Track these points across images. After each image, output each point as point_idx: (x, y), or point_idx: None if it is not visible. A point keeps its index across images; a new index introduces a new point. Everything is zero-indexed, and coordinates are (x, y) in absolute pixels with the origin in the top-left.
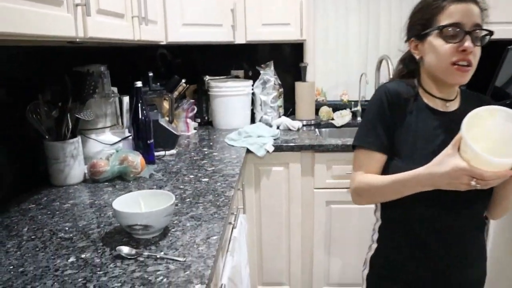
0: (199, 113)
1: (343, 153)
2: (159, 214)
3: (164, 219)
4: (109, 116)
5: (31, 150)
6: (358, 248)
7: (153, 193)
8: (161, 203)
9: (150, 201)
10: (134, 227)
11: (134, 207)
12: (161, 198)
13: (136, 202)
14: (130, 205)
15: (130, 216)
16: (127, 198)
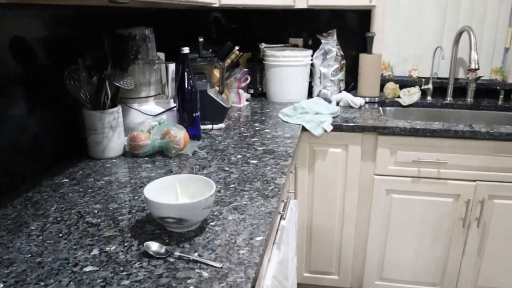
0: (252, 83)
1: (411, 138)
2: (196, 207)
3: (201, 212)
4: (153, 85)
5: (72, 118)
6: (418, 243)
7: (192, 179)
8: (200, 192)
9: (188, 187)
10: (167, 219)
11: (169, 194)
12: (200, 185)
13: (172, 187)
14: (164, 191)
15: (162, 207)
16: (161, 183)
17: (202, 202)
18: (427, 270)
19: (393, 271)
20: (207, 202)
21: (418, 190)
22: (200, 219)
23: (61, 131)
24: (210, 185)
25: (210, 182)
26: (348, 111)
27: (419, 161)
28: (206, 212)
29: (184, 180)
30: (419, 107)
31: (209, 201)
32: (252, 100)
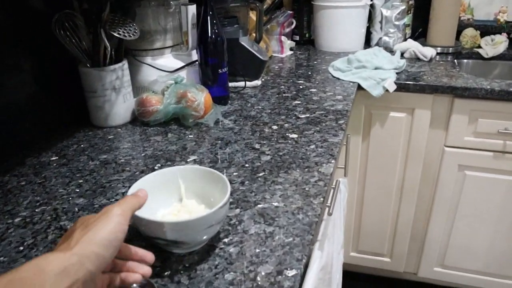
0: (298, 28)
1: (499, 103)
2: (195, 227)
3: (206, 231)
4: (171, 33)
5: (71, 77)
6: (494, 230)
7: (201, 174)
8: (211, 191)
9: (195, 182)
10: (157, 240)
11: (167, 193)
12: (211, 181)
13: (174, 186)
14: (163, 188)
15: (148, 224)
16: (160, 179)
17: (208, 218)
18: (499, 260)
19: (457, 258)
20: (215, 216)
21: (501, 168)
22: (205, 238)
23: (60, 93)
24: (223, 187)
25: (223, 180)
26: (415, 64)
27: (507, 132)
28: (215, 229)
29: (189, 174)
30: (505, 60)
31: (219, 215)
32: (297, 49)
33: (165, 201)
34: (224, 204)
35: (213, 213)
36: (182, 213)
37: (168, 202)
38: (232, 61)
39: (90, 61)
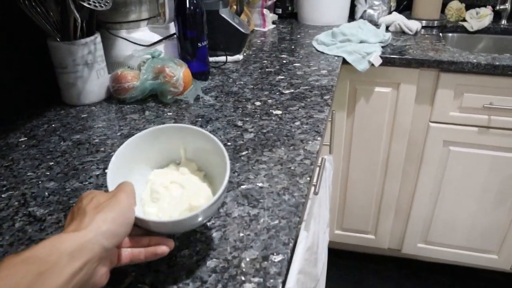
0: (281, 1)
1: (485, 77)
2: (179, 226)
3: (199, 223)
4: (146, 4)
5: (40, 52)
6: (477, 205)
7: (197, 136)
8: (208, 159)
9: (191, 143)
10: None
11: (163, 156)
12: (210, 156)
13: (171, 146)
14: (156, 150)
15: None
16: (157, 135)
17: (195, 218)
18: (483, 236)
19: (441, 234)
20: (210, 210)
21: (486, 143)
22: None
23: (28, 69)
24: (222, 163)
25: (222, 153)
26: (400, 38)
27: (492, 107)
28: (208, 217)
29: (189, 136)
30: (490, 33)
31: (213, 209)
32: (280, 23)
33: (160, 159)
34: (220, 196)
35: (209, 207)
36: (174, 187)
37: (162, 161)
38: (212, 34)
39: (60, 35)
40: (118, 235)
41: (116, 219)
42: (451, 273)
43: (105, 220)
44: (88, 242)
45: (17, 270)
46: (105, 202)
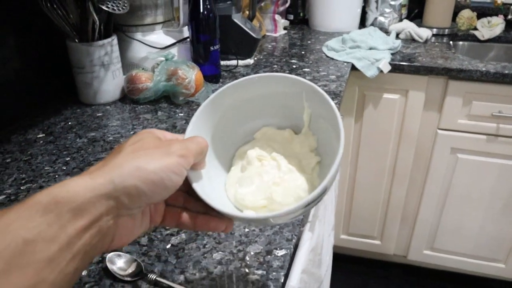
0: (292, 7)
1: (494, 85)
2: (251, 222)
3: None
4: (162, 8)
5: (59, 52)
6: (484, 213)
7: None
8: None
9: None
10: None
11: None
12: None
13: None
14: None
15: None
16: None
17: (301, 208)
18: (489, 244)
19: (447, 241)
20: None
21: (494, 152)
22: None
23: (47, 69)
24: (335, 135)
25: (336, 119)
26: (410, 45)
27: (501, 115)
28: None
29: (310, 94)
30: (502, 42)
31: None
32: (291, 28)
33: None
34: (323, 186)
35: (305, 203)
36: (270, 165)
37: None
38: (225, 38)
39: (78, 36)
40: (148, 196)
41: (150, 176)
42: (457, 281)
43: (137, 171)
44: (101, 197)
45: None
46: (150, 150)
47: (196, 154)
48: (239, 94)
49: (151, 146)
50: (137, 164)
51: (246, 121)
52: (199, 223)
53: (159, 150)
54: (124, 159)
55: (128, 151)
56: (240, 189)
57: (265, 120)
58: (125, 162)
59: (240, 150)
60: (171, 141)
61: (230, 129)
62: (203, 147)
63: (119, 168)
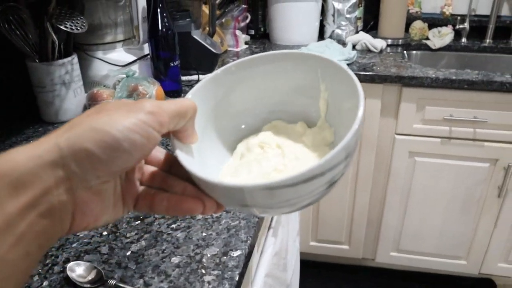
0: (253, 23)
1: (444, 91)
2: (229, 194)
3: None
4: (121, 26)
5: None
6: (444, 213)
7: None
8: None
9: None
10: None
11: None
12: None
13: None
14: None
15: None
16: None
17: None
18: (451, 242)
19: (412, 242)
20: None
21: (448, 153)
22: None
23: (7, 88)
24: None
25: (351, 80)
26: (366, 56)
27: (452, 119)
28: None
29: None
30: (451, 51)
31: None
32: (252, 43)
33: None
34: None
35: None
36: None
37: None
38: (185, 54)
39: (38, 56)
40: (104, 163)
41: (105, 137)
42: (424, 280)
43: (87, 134)
44: (46, 165)
45: None
46: (113, 108)
47: (173, 114)
48: (244, 74)
49: (115, 107)
50: (91, 124)
51: (253, 107)
52: (172, 205)
53: (124, 107)
54: (80, 120)
55: (89, 112)
56: (234, 178)
57: (275, 108)
58: (80, 123)
59: (244, 141)
60: (143, 99)
61: (233, 115)
62: (186, 106)
63: (69, 130)
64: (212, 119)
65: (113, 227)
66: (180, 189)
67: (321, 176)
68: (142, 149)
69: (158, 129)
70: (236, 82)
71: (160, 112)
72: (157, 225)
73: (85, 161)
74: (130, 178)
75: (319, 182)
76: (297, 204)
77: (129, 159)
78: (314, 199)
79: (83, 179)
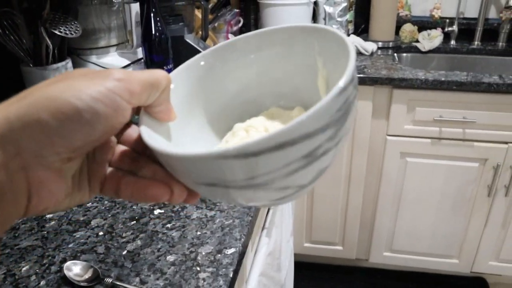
0: (245, 26)
1: (433, 92)
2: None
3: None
4: (115, 31)
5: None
6: (436, 212)
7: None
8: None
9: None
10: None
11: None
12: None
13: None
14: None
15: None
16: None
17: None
18: (443, 241)
19: (404, 242)
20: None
21: (439, 154)
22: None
23: (2, 93)
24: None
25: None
26: (357, 58)
27: (442, 119)
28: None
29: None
30: (441, 53)
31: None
32: None
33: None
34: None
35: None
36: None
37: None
38: (179, 58)
39: (32, 61)
40: (61, 136)
41: (63, 106)
42: (417, 280)
43: (42, 103)
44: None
45: None
46: (79, 76)
47: (144, 83)
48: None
49: (80, 74)
50: (47, 92)
51: (247, 92)
52: (138, 190)
53: (89, 75)
54: (36, 89)
55: (46, 82)
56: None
57: (271, 92)
58: (35, 92)
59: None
60: (112, 69)
61: (225, 100)
62: (159, 76)
63: (21, 100)
64: (200, 104)
65: (109, 228)
66: (149, 173)
67: (292, 146)
68: (108, 121)
69: (128, 99)
70: (227, 63)
71: (130, 79)
72: (152, 225)
73: (39, 134)
74: (99, 158)
75: (291, 154)
76: (271, 185)
77: (92, 133)
78: (293, 181)
79: (38, 155)
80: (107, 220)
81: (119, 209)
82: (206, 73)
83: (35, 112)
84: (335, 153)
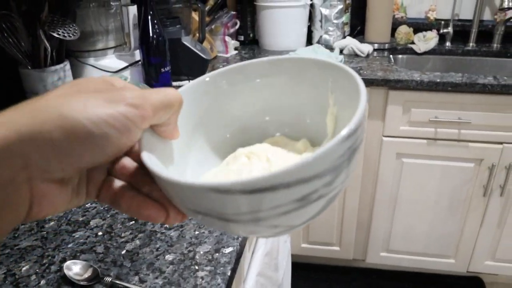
0: (242, 29)
1: (428, 93)
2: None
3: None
4: (113, 33)
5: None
6: (432, 213)
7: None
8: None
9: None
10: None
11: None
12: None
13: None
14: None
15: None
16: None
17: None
18: (439, 241)
19: (401, 242)
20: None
21: (434, 154)
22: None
23: (2, 95)
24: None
25: (351, 76)
26: (353, 60)
27: (437, 120)
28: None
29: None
30: (436, 54)
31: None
32: (242, 49)
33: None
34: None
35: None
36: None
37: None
38: (176, 60)
39: (31, 63)
40: (71, 156)
41: (76, 128)
42: (414, 280)
43: (55, 122)
44: (2, 154)
45: None
46: (90, 94)
47: (158, 107)
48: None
49: (93, 90)
50: (61, 110)
51: (251, 119)
52: (134, 206)
53: (102, 94)
54: (47, 103)
55: (59, 93)
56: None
57: (278, 121)
58: (47, 106)
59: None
60: (125, 87)
61: (228, 124)
62: (172, 98)
63: (33, 112)
64: (202, 126)
65: (108, 228)
66: (146, 190)
67: (286, 189)
68: (118, 146)
69: (139, 125)
70: (232, 89)
71: (144, 104)
72: (151, 225)
73: (49, 152)
74: (99, 166)
75: (284, 196)
76: (262, 222)
77: (101, 156)
78: (285, 220)
79: (45, 170)
80: (106, 220)
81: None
82: (213, 93)
83: (47, 130)
84: (332, 198)
